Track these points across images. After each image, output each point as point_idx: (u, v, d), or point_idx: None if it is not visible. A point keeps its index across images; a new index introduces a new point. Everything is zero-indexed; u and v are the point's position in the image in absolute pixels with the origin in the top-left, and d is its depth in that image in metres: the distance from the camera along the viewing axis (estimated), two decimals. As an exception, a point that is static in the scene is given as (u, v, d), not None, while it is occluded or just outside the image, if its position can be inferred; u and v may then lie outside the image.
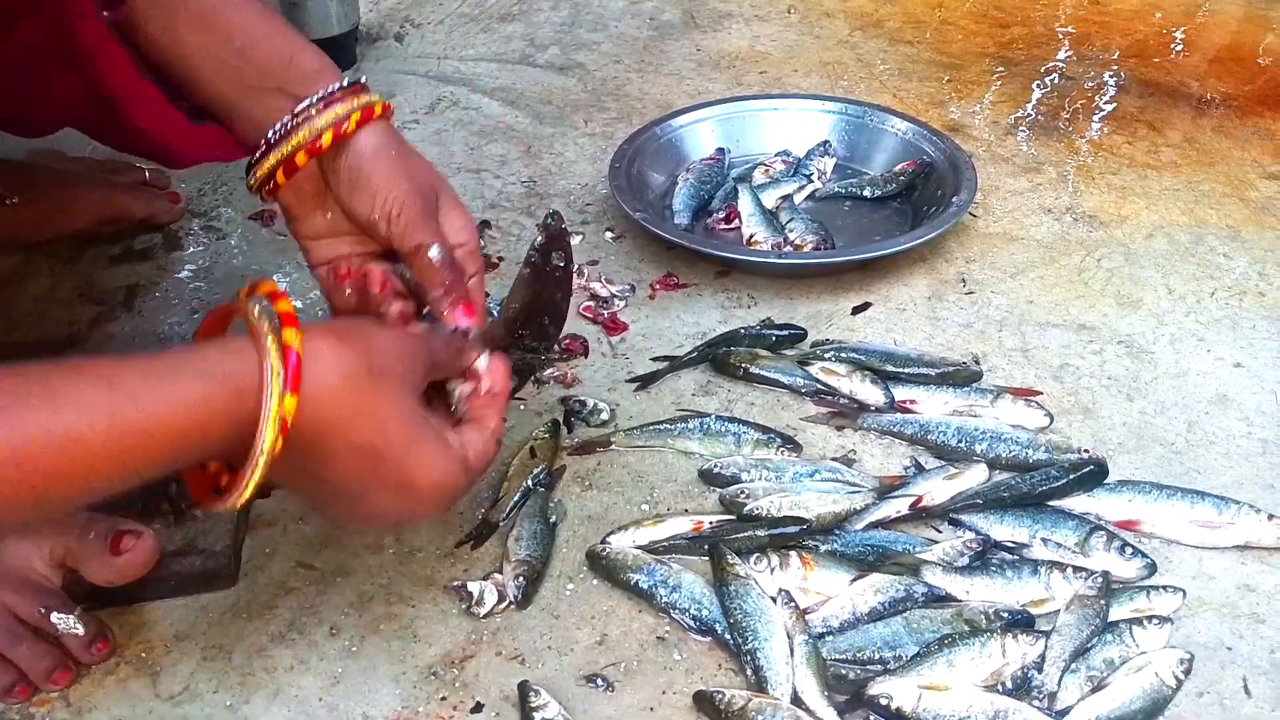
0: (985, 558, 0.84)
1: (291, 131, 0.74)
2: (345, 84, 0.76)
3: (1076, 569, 0.82)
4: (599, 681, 0.76)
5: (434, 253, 0.75)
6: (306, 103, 0.74)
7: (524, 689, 0.75)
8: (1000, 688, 0.75)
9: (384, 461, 0.65)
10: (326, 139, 0.74)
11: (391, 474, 0.65)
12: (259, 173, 0.76)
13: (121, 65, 0.80)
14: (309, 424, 0.61)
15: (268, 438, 0.59)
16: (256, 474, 0.60)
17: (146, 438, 0.56)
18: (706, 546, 0.84)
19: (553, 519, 0.88)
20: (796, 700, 0.74)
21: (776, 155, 1.32)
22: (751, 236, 1.19)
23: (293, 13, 1.42)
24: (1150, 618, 0.79)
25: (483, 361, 0.75)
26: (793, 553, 0.83)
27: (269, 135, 0.75)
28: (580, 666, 0.78)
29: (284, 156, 0.75)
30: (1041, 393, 1.01)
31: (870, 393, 0.99)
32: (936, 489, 0.88)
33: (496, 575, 0.83)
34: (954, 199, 1.18)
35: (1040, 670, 0.76)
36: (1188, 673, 0.76)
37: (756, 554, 0.83)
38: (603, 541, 0.86)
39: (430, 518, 0.71)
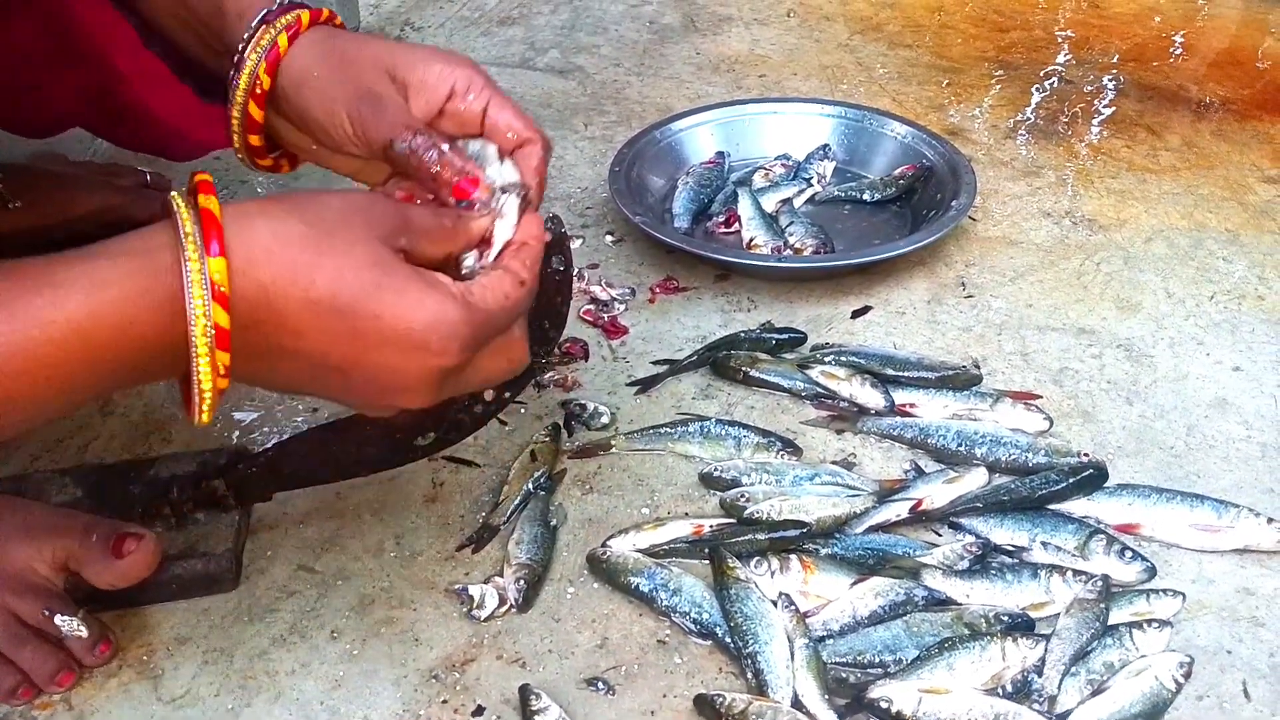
0: (985, 561, 0.85)
1: (234, 87, 0.69)
2: (260, 18, 0.68)
3: (1076, 572, 0.82)
4: (600, 685, 0.77)
5: (398, 147, 0.66)
6: (236, 53, 0.69)
7: (525, 692, 0.75)
8: (1000, 691, 0.75)
9: (355, 314, 0.55)
10: (265, 82, 0.68)
11: (371, 326, 0.56)
12: (238, 142, 0.72)
13: (127, 41, 0.78)
14: (253, 292, 0.54)
15: (196, 302, 0.52)
16: (202, 349, 0.53)
17: (48, 343, 0.51)
18: (707, 550, 0.84)
19: (553, 522, 0.88)
20: (797, 703, 0.74)
21: (776, 159, 1.33)
22: (751, 240, 1.19)
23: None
24: (1150, 621, 0.79)
25: (505, 221, 0.64)
26: (793, 556, 0.83)
27: (227, 99, 0.70)
28: (581, 670, 0.78)
29: (241, 118, 0.70)
30: (1041, 396, 1.01)
31: (870, 396, 0.99)
32: (936, 493, 0.89)
33: (497, 579, 0.83)
34: (953, 203, 1.18)
35: (1040, 674, 0.76)
36: (1187, 676, 0.76)
37: (757, 557, 0.83)
38: (603, 545, 0.86)
39: (450, 374, 0.59)
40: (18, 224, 1.13)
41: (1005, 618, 0.79)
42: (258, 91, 0.69)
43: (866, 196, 1.28)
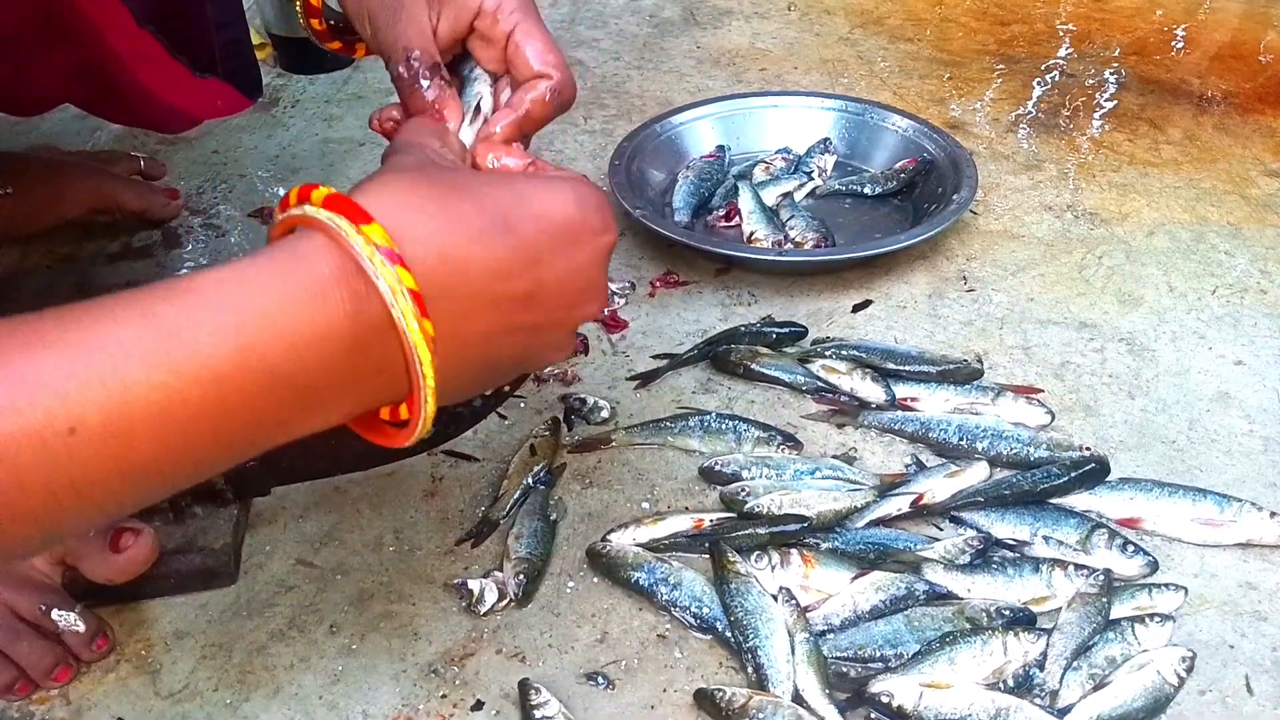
0: (986, 555, 0.84)
1: None
2: None
3: (1078, 567, 0.82)
4: (600, 679, 0.76)
5: (389, 69, 0.67)
6: None
7: (524, 687, 0.75)
8: (1002, 685, 0.75)
9: (520, 226, 0.53)
10: None
11: (538, 229, 0.54)
12: (303, 23, 0.73)
13: (122, 21, 0.78)
14: (423, 252, 0.49)
15: (383, 277, 0.47)
16: (409, 317, 0.48)
17: (225, 361, 0.45)
18: (707, 544, 0.84)
19: (553, 517, 0.88)
20: (798, 698, 0.74)
21: (777, 152, 1.32)
22: (752, 234, 1.19)
23: (292, 9, 1.42)
24: (1152, 615, 0.79)
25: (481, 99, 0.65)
26: (794, 550, 0.83)
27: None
28: (581, 664, 0.78)
29: (303, 2, 0.71)
30: (1043, 390, 1.00)
31: (871, 390, 0.99)
32: (938, 487, 0.88)
33: (497, 573, 0.83)
34: (955, 196, 1.18)
35: (1042, 668, 0.76)
36: (1190, 671, 0.75)
37: (757, 552, 0.83)
38: (603, 539, 0.86)
39: (612, 249, 0.59)
40: (8, 211, 1.13)
41: (1007, 612, 0.79)
42: None
43: (867, 190, 1.27)
